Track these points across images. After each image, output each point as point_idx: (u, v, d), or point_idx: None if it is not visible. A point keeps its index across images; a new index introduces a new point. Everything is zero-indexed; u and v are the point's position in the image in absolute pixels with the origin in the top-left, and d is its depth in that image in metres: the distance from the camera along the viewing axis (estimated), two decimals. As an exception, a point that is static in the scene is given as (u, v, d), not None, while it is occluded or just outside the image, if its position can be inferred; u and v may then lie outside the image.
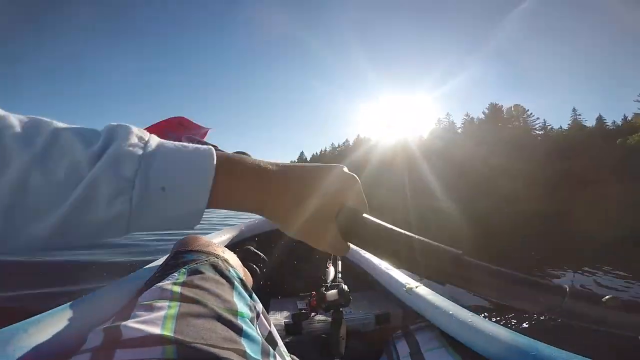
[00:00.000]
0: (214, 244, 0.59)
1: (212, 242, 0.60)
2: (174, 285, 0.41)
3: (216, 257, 0.53)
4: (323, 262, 0.98)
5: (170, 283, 0.42)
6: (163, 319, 0.34)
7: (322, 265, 0.96)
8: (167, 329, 0.32)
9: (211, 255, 0.53)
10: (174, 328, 0.33)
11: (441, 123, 68.01)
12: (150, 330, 0.32)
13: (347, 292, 0.77)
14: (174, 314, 0.35)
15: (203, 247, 0.55)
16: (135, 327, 0.32)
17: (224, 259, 0.53)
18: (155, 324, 0.33)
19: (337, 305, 0.77)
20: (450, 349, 0.61)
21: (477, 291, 0.28)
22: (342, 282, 0.83)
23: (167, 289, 0.40)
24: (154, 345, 0.30)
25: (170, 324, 0.34)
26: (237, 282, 0.49)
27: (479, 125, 59.03)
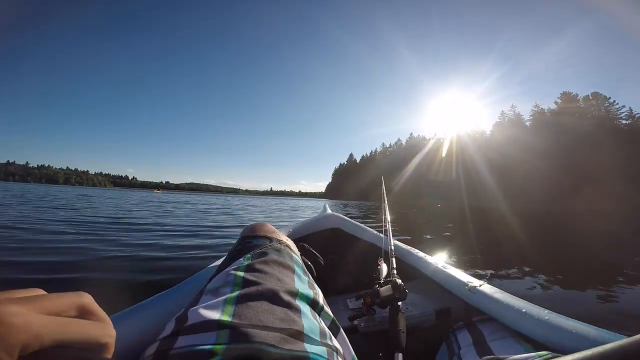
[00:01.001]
0: (278, 232, 0.63)
1: (277, 230, 0.64)
2: (237, 270, 0.45)
3: (279, 242, 0.57)
4: (374, 260, 0.96)
5: (234, 268, 0.46)
6: (224, 303, 0.37)
7: (373, 264, 0.94)
8: (226, 313, 0.35)
9: (274, 240, 0.57)
10: (232, 312, 0.35)
11: (505, 116, 65.14)
12: (210, 315, 0.34)
13: (402, 285, 0.74)
14: (234, 297, 0.38)
15: (268, 233, 0.60)
16: (199, 312, 0.35)
17: (286, 245, 0.58)
18: (216, 309, 0.36)
19: (393, 300, 0.73)
20: (519, 340, 0.57)
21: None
22: (396, 277, 0.79)
23: (231, 274, 0.44)
24: (211, 330, 0.32)
25: (229, 307, 0.36)
26: (297, 267, 0.51)
27: (551, 116, 55.43)
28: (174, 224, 4.75)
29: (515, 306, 0.63)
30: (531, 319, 0.57)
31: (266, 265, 0.47)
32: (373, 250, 1.21)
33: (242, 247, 0.55)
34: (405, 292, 0.73)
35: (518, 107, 64.37)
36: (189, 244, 3.07)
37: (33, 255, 2.32)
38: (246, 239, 0.58)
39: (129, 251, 2.57)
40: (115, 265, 2.18)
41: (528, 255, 3.39)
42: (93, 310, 0.21)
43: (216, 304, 0.37)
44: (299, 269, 0.51)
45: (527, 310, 0.59)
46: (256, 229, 0.62)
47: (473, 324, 0.71)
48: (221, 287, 0.41)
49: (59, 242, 2.86)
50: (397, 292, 0.73)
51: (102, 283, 1.80)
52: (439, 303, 0.92)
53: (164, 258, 2.44)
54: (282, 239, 0.60)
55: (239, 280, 0.42)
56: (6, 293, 0.18)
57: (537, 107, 59.47)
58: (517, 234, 5.98)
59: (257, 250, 0.52)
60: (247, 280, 0.42)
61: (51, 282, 1.75)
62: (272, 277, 0.44)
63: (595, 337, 0.46)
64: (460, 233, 5.64)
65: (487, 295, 0.71)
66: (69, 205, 7.59)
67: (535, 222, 9.74)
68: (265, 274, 0.44)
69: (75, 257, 2.29)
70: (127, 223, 4.57)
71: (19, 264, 2.07)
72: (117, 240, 3.05)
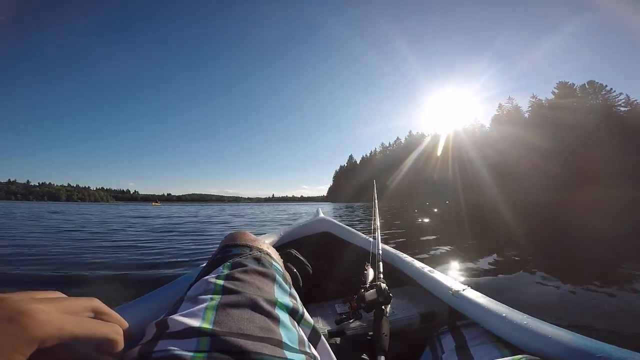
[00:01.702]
0: (259, 240, 0.63)
1: (258, 238, 0.64)
2: (217, 278, 0.45)
3: (259, 251, 0.57)
4: (362, 265, 0.95)
5: (214, 276, 0.46)
6: (204, 311, 0.37)
7: (361, 268, 0.94)
8: (206, 321, 0.35)
9: (254, 249, 0.57)
10: (213, 319, 0.36)
11: (503, 109, 64.32)
12: (191, 323, 0.34)
13: (386, 289, 0.76)
14: (214, 305, 0.38)
15: (249, 241, 0.59)
16: (179, 319, 0.35)
17: (266, 253, 0.58)
18: (196, 316, 0.36)
19: (378, 304, 0.75)
20: (499, 345, 0.58)
21: None
22: (382, 282, 0.80)
23: (211, 282, 0.44)
24: (192, 336, 0.33)
25: (210, 315, 0.36)
26: (278, 275, 0.51)
27: (549, 107, 54.61)
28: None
29: (496, 311, 0.64)
30: (511, 323, 0.58)
31: (246, 274, 0.47)
32: (362, 254, 1.22)
33: (222, 256, 0.55)
34: (390, 296, 0.76)
35: (516, 100, 63.40)
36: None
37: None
38: (226, 248, 0.58)
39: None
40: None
41: (525, 251, 3.37)
42: (105, 311, 0.25)
43: (197, 312, 0.37)
44: (279, 278, 0.51)
45: (507, 315, 0.61)
46: (236, 237, 0.61)
47: (457, 328, 0.72)
48: (201, 295, 0.41)
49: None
50: (381, 296, 0.75)
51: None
52: (424, 307, 0.92)
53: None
54: (263, 247, 0.60)
55: (219, 288, 0.42)
56: (28, 293, 0.22)
57: (535, 98, 58.71)
58: (512, 227, 5.83)
59: (236, 259, 0.52)
60: (227, 289, 0.42)
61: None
62: (251, 286, 0.44)
63: (570, 342, 0.47)
64: (450, 230, 5.60)
65: (470, 300, 0.72)
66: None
67: (534, 216, 9.52)
68: (245, 283, 0.45)
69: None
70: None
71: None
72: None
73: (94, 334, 0.23)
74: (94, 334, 0.23)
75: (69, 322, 0.21)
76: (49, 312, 0.20)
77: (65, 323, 0.21)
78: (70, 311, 0.22)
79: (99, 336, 0.23)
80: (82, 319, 0.23)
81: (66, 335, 0.21)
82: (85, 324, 0.22)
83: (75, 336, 0.21)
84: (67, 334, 0.21)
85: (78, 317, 0.23)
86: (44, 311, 0.20)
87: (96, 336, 0.23)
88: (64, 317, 0.21)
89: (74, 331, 0.21)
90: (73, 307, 0.23)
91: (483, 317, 0.66)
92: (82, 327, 0.22)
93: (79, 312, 0.23)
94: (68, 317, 0.21)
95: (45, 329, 0.19)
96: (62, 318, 0.21)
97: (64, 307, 0.22)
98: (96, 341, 0.23)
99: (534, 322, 0.56)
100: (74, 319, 0.22)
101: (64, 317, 0.21)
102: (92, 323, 0.23)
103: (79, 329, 0.22)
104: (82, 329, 0.22)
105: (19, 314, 0.19)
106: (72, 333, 0.21)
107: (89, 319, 0.24)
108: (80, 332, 0.22)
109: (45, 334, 0.19)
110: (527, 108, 59.84)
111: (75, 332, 0.21)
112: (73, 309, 0.23)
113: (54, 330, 0.20)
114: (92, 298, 0.26)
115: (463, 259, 2.93)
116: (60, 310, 0.22)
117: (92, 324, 0.23)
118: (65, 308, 0.22)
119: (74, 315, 0.23)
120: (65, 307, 0.22)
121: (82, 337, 0.22)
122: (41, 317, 0.19)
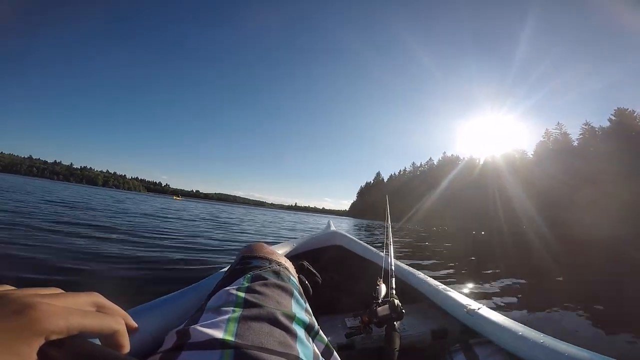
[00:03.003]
0: (277, 253, 0.63)
1: (276, 251, 0.64)
2: (238, 290, 0.45)
3: (278, 265, 0.57)
4: (374, 280, 0.95)
5: (235, 288, 0.46)
6: (226, 322, 0.37)
7: (373, 283, 0.93)
8: (229, 333, 0.36)
9: (274, 262, 0.58)
10: (235, 331, 0.36)
11: (550, 135, 59.46)
12: (214, 334, 0.35)
13: (399, 306, 0.75)
14: (236, 317, 0.38)
15: (267, 254, 0.60)
16: (202, 330, 0.36)
17: (285, 267, 0.58)
18: (219, 328, 0.36)
19: (390, 320, 0.75)
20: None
21: None
22: (394, 298, 0.80)
23: (232, 294, 0.44)
24: (215, 348, 0.33)
25: (232, 327, 0.37)
26: (295, 290, 0.52)
27: (604, 135, 49.56)
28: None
29: (511, 329, 0.64)
30: (527, 342, 0.58)
31: (266, 288, 0.47)
32: (374, 269, 1.21)
33: (242, 267, 0.55)
34: (402, 313, 0.75)
35: (565, 125, 58.32)
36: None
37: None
38: (245, 259, 0.58)
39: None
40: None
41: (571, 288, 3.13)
42: (106, 305, 0.26)
43: (219, 323, 0.37)
44: (296, 293, 0.52)
45: (524, 333, 0.60)
46: (255, 249, 0.62)
47: (470, 346, 0.72)
48: (222, 306, 0.42)
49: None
50: (394, 312, 0.75)
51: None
52: (436, 324, 0.92)
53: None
54: (281, 261, 0.60)
55: (241, 300, 0.43)
56: (32, 290, 0.23)
57: (587, 125, 53.62)
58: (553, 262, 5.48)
59: (257, 272, 0.53)
60: (249, 302, 0.43)
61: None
62: (271, 300, 0.45)
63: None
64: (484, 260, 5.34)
65: (485, 317, 0.71)
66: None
67: (583, 251, 8.95)
68: (265, 297, 0.45)
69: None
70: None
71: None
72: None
73: (100, 326, 0.23)
74: (100, 326, 0.23)
75: (74, 314, 0.21)
76: (55, 305, 0.21)
77: (71, 315, 0.21)
78: (74, 305, 0.23)
79: (104, 328, 0.24)
80: (87, 311, 0.23)
81: (73, 327, 0.21)
82: (90, 316, 0.23)
83: (82, 327, 0.22)
84: (74, 326, 0.21)
85: (83, 310, 0.23)
86: (50, 304, 0.20)
87: (102, 328, 0.23)
88: (70, 310, 0.22)
89: (80, 322, 0.21)
90: (76, 302, 0.23)
91: (498, 335, 0.65)
92: (88, 319, 0.22)
93: (82, 306, 0.24)
94: (73, 309, 0.22)
95: (51, 320, 0.19)
96: (67, 310, 0.21)
97: (68, 302, 0.23)
98: (102, 333, 0.24)
99: (551, 341, 0.56)
100: (79, 311, 0.22)
101: (70, 309, 0.22)
102: (97, 315, 0.24)
103: (85, 321, 0.22)
104: (88, 321, 0.22)
105: (26, 306, 0.19)
106: (79, 324, 0.21)
107: (93, 312, 0.24)
108: (87, 323, 0.22)
109: (52, 326, 0.19)
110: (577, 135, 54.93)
111: (82, 324, 0.22)
112: (76, 303, 0.23)
113: (60, 322, 0.20)
114: (93, 292, 0.26)
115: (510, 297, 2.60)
116: (65, 304, 0.22)
117: (97, 316, 0.23)
118: (69, 302, 0.23)
119: (79, 309, 0.23)
120: (69, 302, 0.23)
121: (88, 328, 0.22)
122: (48, 309, 0.20)
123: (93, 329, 0.23)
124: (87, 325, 0.22)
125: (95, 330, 0.23)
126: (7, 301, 0.20)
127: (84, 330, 0.22)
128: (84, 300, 0.24)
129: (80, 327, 0.21)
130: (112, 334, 0.24)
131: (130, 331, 0.27)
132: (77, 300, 0.24)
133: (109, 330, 0.24)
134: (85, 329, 0.22)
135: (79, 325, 0.21)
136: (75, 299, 0.24)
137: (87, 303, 0.25)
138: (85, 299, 0.25)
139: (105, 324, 0.24)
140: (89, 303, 0.25)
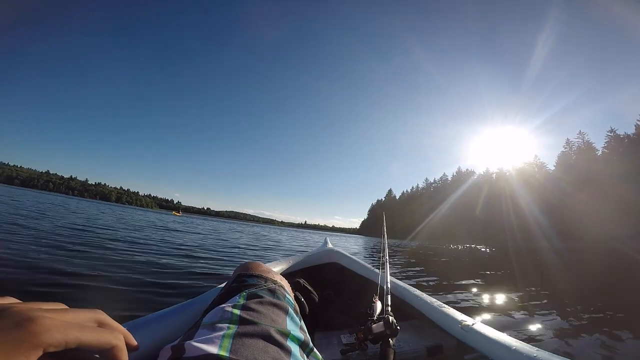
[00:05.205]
0: (273, 271, 0.65)
1: (271, 269, 0.66)
2: (234, 307, 0.46)
3: (274, 283, 0.59)
4: (369, 297, 0.94)
5: (231, 305, 0.47)
6: (221, 338, 0.38)
7: (368, 300, 0.93)
8: (223, 349, 0.36)
9: (269, 280, 0.59)
10: (230, 347, 0.37)
11: (572, 145, 56.21)
12: (209, 349, 0.35)
13: (394, 323, 0.76)
14: (231, 334, 0.39)
15: (263, 272, 0.61)
16: (197, 345, 0.36)
17: (280, 285, 0.59)
18: (214, 343, 0.37)
19: (385, 336, 0.75)
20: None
21: None
22: (389, 315, 0.80)
23: (228, 311, 0.45)
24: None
25: (227, 343, 0.38)
26: (290, 308, 0.53)
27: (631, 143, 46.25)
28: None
29: (506, 343, 0.66)
30: (521, 356, 0.60)
31: (261, 306, 0.49)
32: (370, 286, 1.26)
33: (237, 285, 0.57)
34: (397, 330, 0.76)
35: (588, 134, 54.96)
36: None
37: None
38: (241, 277, 0.60)
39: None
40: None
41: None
42: (107, 322, 0.26)
43: (214, 339, 0.39)
44: (291, 310, 0.53)
45: (517, 348, 0.63)
46: (250, 267, 0.64)
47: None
48: (217, 323, 0.43)
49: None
50: (389, 329, 0.76)
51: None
52: (431, 340, 0.93)
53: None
54: (277, 279, 0.62)
55: (236, 317, 0.44)
56: (35, 304, 0.23)
57: (612, 133, 50.42)
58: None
59: (252, 290, 0.54)
60: (243, 319, 0.44)
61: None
62: (266, 318, 0.46)
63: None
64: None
65: (480, 333, 0.74)
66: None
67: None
68: (260, 314, 0.47)
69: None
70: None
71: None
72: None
73: (98, 341, 0.23)
74: (99, 341, 0.23)
75: (73, 328, 0.22)
76: (54, 319, 0.21)
77: (70, 329, 0.21)
78: (75, 320, 0.23)
79: (102, 342, 0.24)
80: (86, 326, 0.23)
81: (71, 341, 0.21)
82: (89, 330, 0.23)
83: (80, 342, 0.22)
84: (72, 339, 0.21)
85: (82, 324, 0.23)
86: (49, 318, 0.21)
87: (100, 342, 0.23)
88: (69, 324, 0.22)
89: (78, 337, 0.22)
90: (78, 317, 0.24)
91: (492, 350, 0.67)
92: (87, 334, 0.22)
93: (83, 321, 0.24)
94: (72, 324, 0.22)
95: (50, 333, 0.20)
96: (66, 325, 0.21)
97: (69, 317, 0.23)
98: (100, 348, 0.24)
99: (545, 355, 0.57)
100: (78, 325, 0.22)
101: (69, 323, 0.22)
102: (96, 330, 0.24)
103: (84, 335, 0.22)
104: (86, 335, 0.22)
105: (26, 320, 0.20)
106: (77, 339, 0.21)
107: (93, 327, 0.24)
108: (85, 338, 0.22)
109: (50, 339, 0.20)
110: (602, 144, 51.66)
111: (80, 338, 0.22)
112: (78, 318, 0.24)
113: (58, 335, 0.20)
114: (96, 310, 0.26)
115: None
116: (66, 319, 0.22)
117: (96, 331, 0.24)
118: (70, 317, 0.23)
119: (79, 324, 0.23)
120: (70, 316, 0.23)
121: (86, 342, 0.22)
122: (47, 322, 0.20)
123: (91, 343, 0.23)
124: (85, 340, 0.22)
125: (93, 344, 0.23)
126: (9, 314, 0.20)
127: (82, 344, 0.22)
128: (85, 316, 0.25)
129: (78, 341, 0.22)
130: (111, 349, 0.24)
131: (130, 349, 0.27)
132: (79, 316, 0.24)
133: (107, 345, 0.24)
134: (83, 343, 0.22)
135: (77, 339, 0.21)
136: (76, 315, 0.24)
137: (89, 319, 0.25)
138: (87, 315, 0.25)
139: (103, 338, 0.24)
140: (90, 319, 0.25)
